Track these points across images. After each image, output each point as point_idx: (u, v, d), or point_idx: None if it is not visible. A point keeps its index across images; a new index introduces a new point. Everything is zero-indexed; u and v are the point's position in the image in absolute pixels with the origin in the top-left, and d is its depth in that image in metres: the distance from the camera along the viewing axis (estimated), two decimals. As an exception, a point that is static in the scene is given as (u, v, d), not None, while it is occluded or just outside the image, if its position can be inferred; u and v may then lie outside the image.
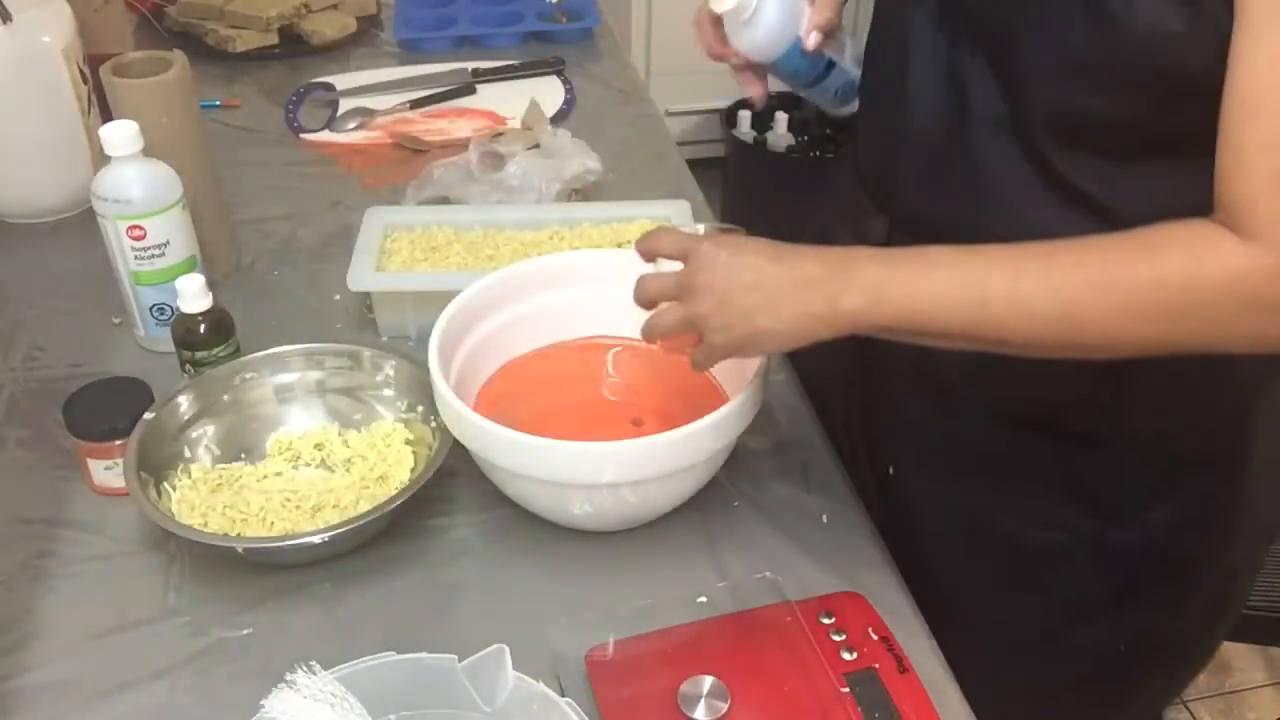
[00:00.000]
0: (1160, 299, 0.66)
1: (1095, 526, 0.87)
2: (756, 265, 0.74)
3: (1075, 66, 0.71)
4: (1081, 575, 0.89)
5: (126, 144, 1.00)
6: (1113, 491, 0.86)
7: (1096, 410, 0.83)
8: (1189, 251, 0.66)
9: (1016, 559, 0.90)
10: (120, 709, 0.78)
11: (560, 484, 0.83)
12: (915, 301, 0.70)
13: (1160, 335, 0.67)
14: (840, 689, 0.74)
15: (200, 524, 0.87)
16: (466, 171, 1.27)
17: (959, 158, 0.81)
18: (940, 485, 0.92)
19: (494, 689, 0.67)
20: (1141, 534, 0.86)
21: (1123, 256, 0.67)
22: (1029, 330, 0.69)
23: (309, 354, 0.99)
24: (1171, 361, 0.72)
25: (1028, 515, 0.88)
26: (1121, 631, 0.92)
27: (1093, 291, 0.67)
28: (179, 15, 1.70)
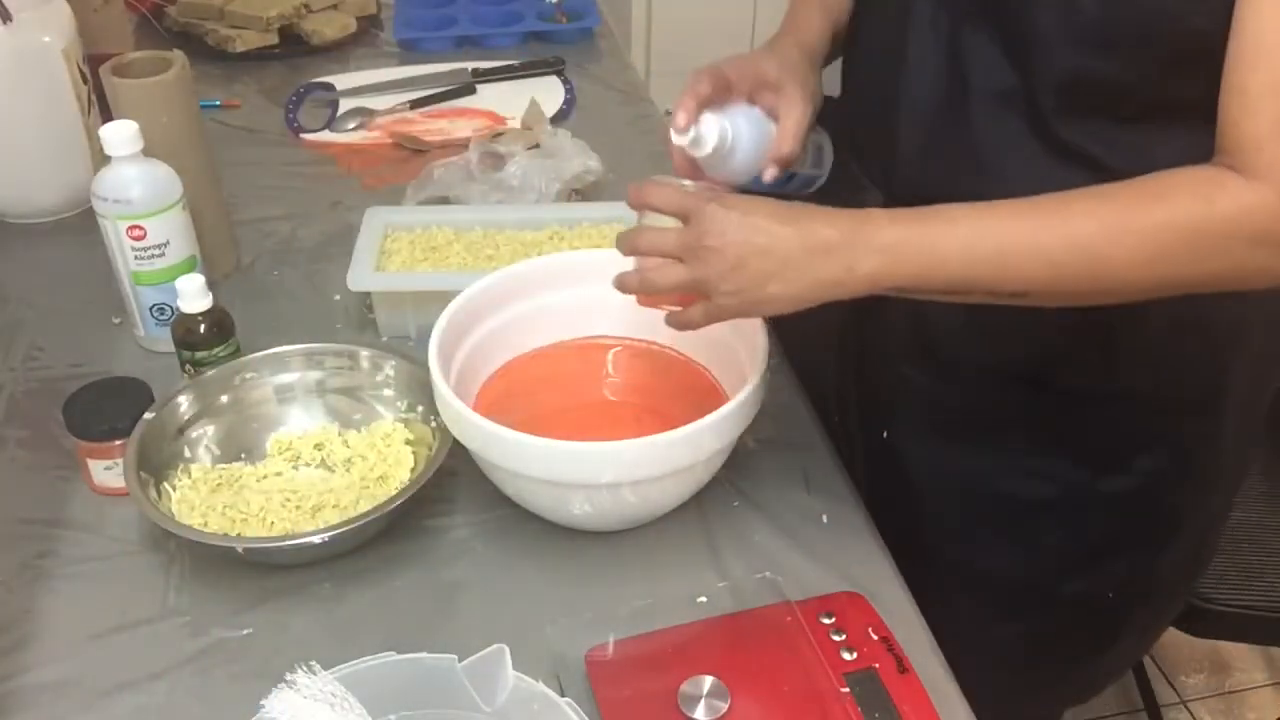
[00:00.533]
0: (1173, 239, 0.68)
1: (1085, 477, 0.89)
2: (769, 229, 0.73)
3: (1087, 32, 0.72)
4: (1072, 525, 0.92)
5: (126, 144, 1.00)
6: (1102, 443, 0.88)
7: (1086, 364, 0.85)
8: (1197, 192, 0.68)
9: (1009, 513, 0.93)
10: (120, 709, 0.78)
11: (560, 484, 0.83)
12: (934, 259, 0.71)
13: (1174, 275, 0.69)
14: (840, 689, 0.74)
15: (200, 524, 0.87)
16: (466, 171, 1.27)
17: (960, 131, 0.82)
18: (933, 445, 0.94)
19: (494, 689, 0.67)
20: (1129, 482, 0.89)
21: (1134, 202, 0.69)
22: (1048, 279, 0.71)
23: (309, 354, 0.99)
24: (1157, 313, 0.75)
25: (1020, 469, 0.91)
26: (1107, 580, 0.95)
27: (1108, 238, 0.69)
28: (179, 15, 1.70)
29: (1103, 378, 0.86)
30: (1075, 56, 0.74)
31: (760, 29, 2.97)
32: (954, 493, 0.95)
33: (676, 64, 0.93)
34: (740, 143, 0.85)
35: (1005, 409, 0.90)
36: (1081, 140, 0.76)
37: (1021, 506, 0.92)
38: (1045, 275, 0.71)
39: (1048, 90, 0.76)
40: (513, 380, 0.97)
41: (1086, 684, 1.10)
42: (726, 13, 2.86)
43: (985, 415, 0.91)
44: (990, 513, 0.94)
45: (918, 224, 0.72)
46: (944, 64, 0.81)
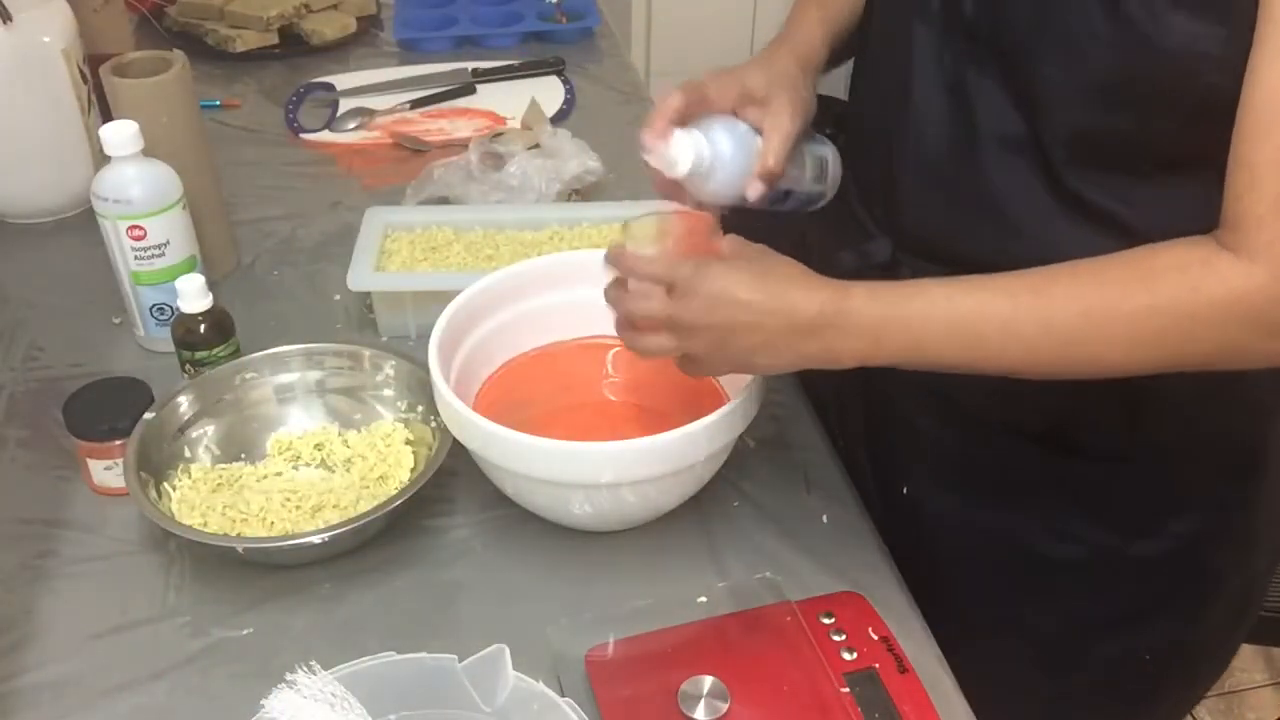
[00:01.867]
0: (1158, 325, 0.66)
1: (1116, 541, 0.86)
2: (749, 305, 0.73)
3: (1100, 87, 0.70)
4: (1104, 588, 0.88)
5: (126, 144, 1.00)
6: (1134, 506, 0.85)
7: (1114, 428, 0.82)
8: (1185, 276, 0.65)
9: (1037, 573, 0.89)
10: (120, 709, 0.78)
11: (560, 484, 0.83)
12: (913, 342, 0.71)
13: (1162, 360, 0.68)
14: (840, 689, 0.74)
15: (200, 524, 0.87)
16: (466, 171, 1.27)
17: (966, 177, 0.79)
18: (957, 502, 0.91)
19: (494, 689, 0.67)
20: (1164, 546, 0.86)
21: (1118, 285, 0.67)
22: (1030, 362, 0.70)
23: (309, 354, 0.99)
24: (1188, 377, 0.71)
25: (1048, 531, 0.87)
26: (1145, 642, 0.91)
27: (1090, 322, 0.68)
28: (179, 15, 1.70)
29: (1129, 441, 0.82)
30: (1085, 112, 0.71)
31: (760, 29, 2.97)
32: (979, 550, 0.91)
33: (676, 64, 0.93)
34: (721, 160, 0.81)
35: (1028, 469, 0.86)
36: (1096, 194, 0.74)
37: (1050, 567, 0.88)
38: (1025, 359, 0.70)
39: (1057, 143, 0.74)
40: (513, 380, 0.97)
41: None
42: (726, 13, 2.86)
43: (1008, 474, 0.88)
44: (1018, 572, 0.90)
45: (897, 305, 0.72)
46: (949, 107, 0.79)
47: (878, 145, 0.87)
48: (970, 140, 0.78)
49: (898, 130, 0.83)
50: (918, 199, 0.84)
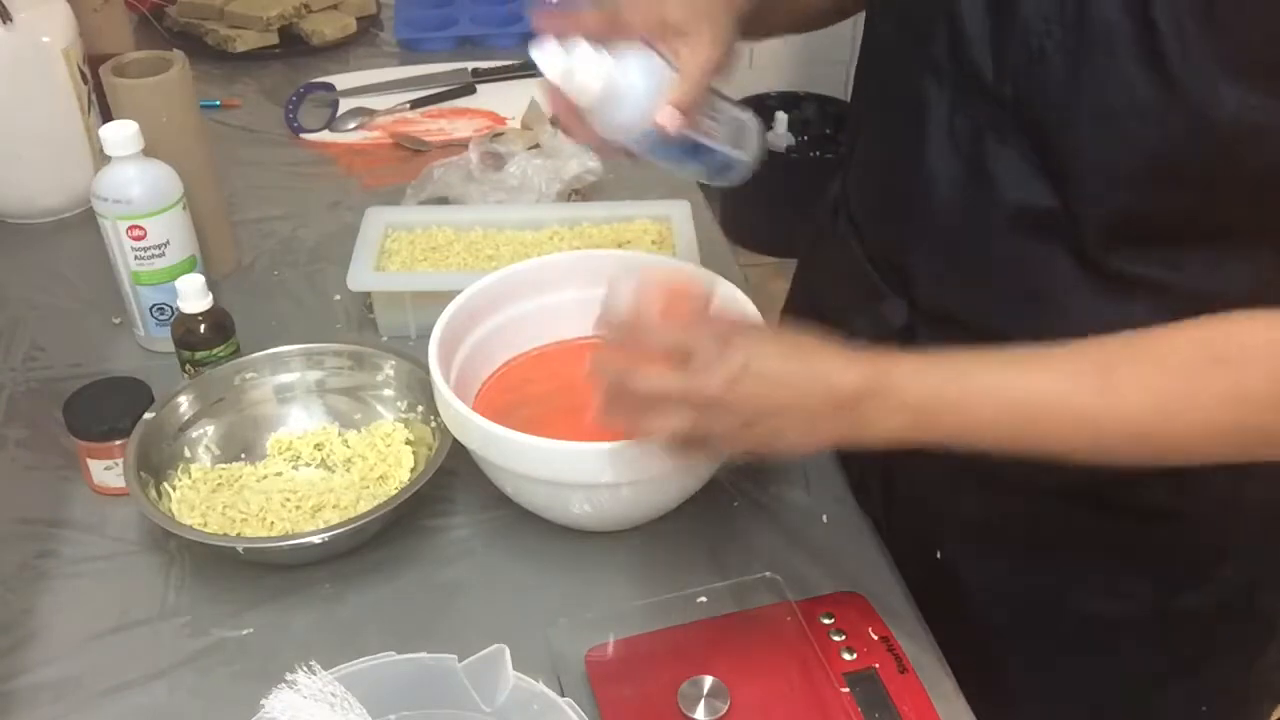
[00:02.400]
0: (1239, 415, 0.61)
1: (1164, 593, 0.82)
2: (783, 381, 0.65)
3: (1144, 164, 0.64)
4: (1155, 643, 0.84)
5: (126, 144, 1.00)
6: (1177, 558, 0.81)
7: (1154, 486, 0.75)
8: (1269, 361, 0.60)
9: (1083, 632, 0.85)
10: (120, 709, 0.78)
11: (560, 484, 0.83)
12: (961, 424, 0.65)
13: (1243, 448, 0.64)
14: (840, 689, 0.74)
15: (200, 524, 0.87)
16: (466, 171, 1.27)
17: (984, 250, 0.74)
18: (993, 564, 0.86)
19: (494, 689, 0.66)
20: (1212, 596, 0.82)
21: (1193, 370, 0.61)
22: (1094, 451, 0.65)
23: (309, 354, 0.99)
24: None
25: (1091, 586, 0.83)
26: (1200, 693, 0.88)
27: (1166, 415, 0.62)
28: (179, 15, 1.70)
29: (1176, 500, 0.77)
30: (1127, 190, 0.65)
31: (760, 29, 2.96)
32: (1020, 613, 0.86)
33: (676, 64, 0.91)
34: (633, 88, 0.72)
35: (1066, 528, 0.81)
36: (1136, 267, 0.68)
37: (1096, 625, 0.84)
38: (1090, 447, 0.65)
39: (1092, 220, 0.67)
40: (513, 380, 0.97)
41: None
42: (726, 13, 2.86)
43: (1045, 533, 0.82)
44: (1062, 632, 0.85)
45: (949, 381, 0.65)
46: (965, 175, 0.72)
47: (887, 208, 0.82)
48: (989, 212, 0.72)
49: (908, 196, 0.77)
50: (931, 268, 0.78)
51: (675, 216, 1.16)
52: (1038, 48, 0.66)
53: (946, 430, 0.65)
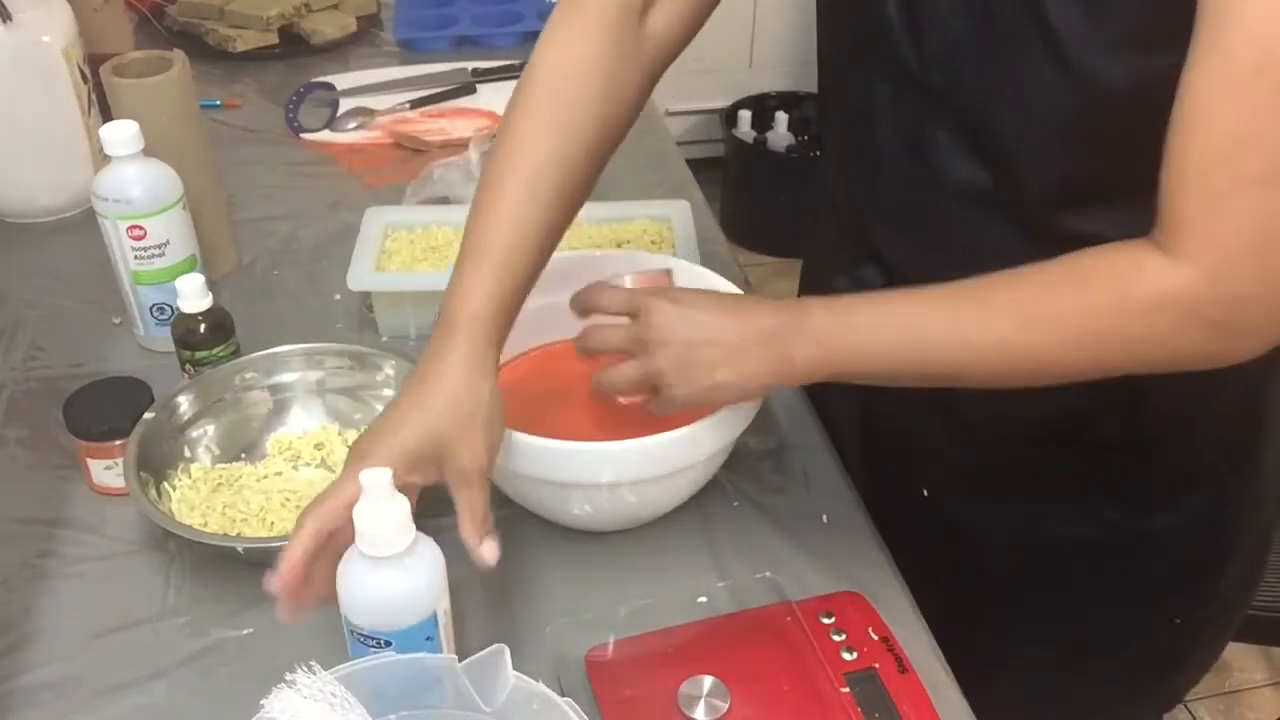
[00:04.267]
0: (1092, 327, 0.67)
1: (1133, 519, 0.87)
2: (712, 321, 0.76)
3: (1063, 135, 0.70)
4: (1127, 565, 0.89)
5: (126, 144, 1.00)
6: (1143, 488, 0.86)
7: (1119, 419, 0.82)
8: (1116, 277, 0.66)
9: (1061, 558, 0.90)
10: (120, 709, 0.78)
11: (560, 484, 0.83)
12: (862, 349, 0.73)
13: (1100, 360, 0.68)
14: (840, 689, 0.74)
15: (200, 524, 0.87)
16: (466, 171, 1.27)
17: (937, 226, 0.80)
18: (971, 501, 0.91)
19: (494, 689, 0.66)
20: (1179, 519, 0.87)
21: (1054, 289, 0.68)
22: (973, 365, 0.71)
23: (309, 354, 0.99)
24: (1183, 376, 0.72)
25: (1064, 515, 0.88)
26: (1170, 610, 0.92)
27: (1026, 328, 0.68)
28: (179, 15, 1.70)
29: (1133, 434, 0.83)
30: (1052, 160, 0.71)
31: (760, 28, 2.97)
32: (1001, 544, 0.91)
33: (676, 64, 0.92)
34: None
35: (1036, 465, 0.87)
36: (1082, 226, 0.72)
37: (1072, 550, 0.89)
38: (970, 364, 0.71)
39: (1026, 191, 0.74)
40: (513, 380, 0.97)
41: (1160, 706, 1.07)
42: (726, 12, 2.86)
43: (1017, 473, 0.88)
44: (1041, 559, 0.90)
45: (848, 314, 0.74)
46: (911, 161, 0.79)
47: (852, 186, 0.88)
48: (936, 191, 0.78)
49: (865, 180, 0.84)
50: (893, 243, 0.85)
51: (675, 216, 1.16)
52: (952, 40, 0.72)
53: (847, 354, 0.73)
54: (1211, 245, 0.63)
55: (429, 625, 0.71)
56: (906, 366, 0.72)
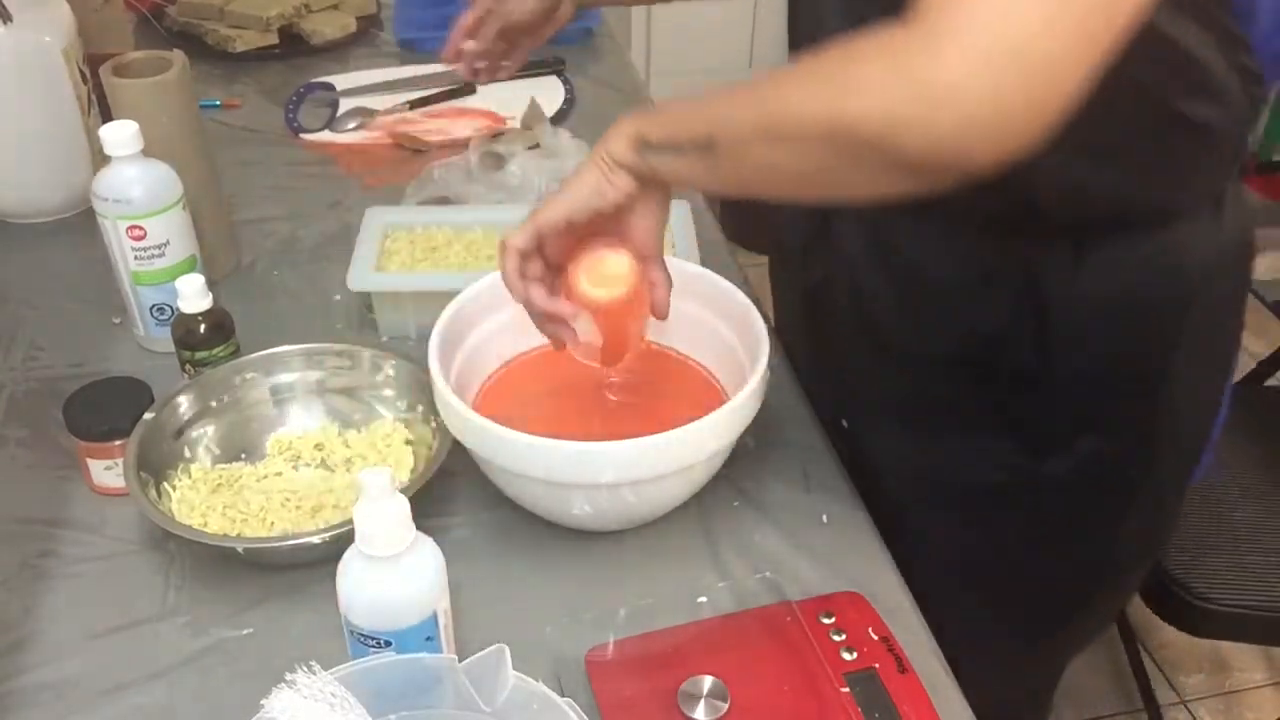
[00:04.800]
0: (819, 67, 0.67)
1: (1032, 460, 0.91)
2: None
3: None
4: (1025, 509, 0.94)
5: (126, 144, 1.00)
6: (1045, 425, 0.90)
7: (1022, 347, 0.86)
8: (878, 33, 0.65)
9: (965, 498, 0.95)
10: (120, 709, 0.78)
11: (560, 484, 0.83)
12: (667, 117, 0.76)
13: (824, 108, 0.66)
14: (840, 689, 0.74)
15: (200, 524, 0.87)
16: (466, 171, 1.27)
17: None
18: (889, 431, 0.97)
19: (494, 689, 0.66)
20: (1074, 463, 0.90)
21: (828, 54, 0.68)
22: (730, 121, 0.72)
23: (309, 354, 0.99)
24: (1091, 294, 0.81)
25: (970, 454, 0.93)
26: (1067, 560, 0.97)
27: (791, 71, 0.70)
28: (179, 15, 1.70)
29: (1040, 361, 0.86)
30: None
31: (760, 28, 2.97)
32: (911, 478, 0.97)
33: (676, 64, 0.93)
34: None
35: (950, 394, 0.92)
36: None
37: (975, 492, 0.94)
38: (724, 110, 0.72)
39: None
40: (513, 380, 0.97)
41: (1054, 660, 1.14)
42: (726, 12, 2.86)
43: (932, 400, 0.93)
44: (947, 498, 0.96)
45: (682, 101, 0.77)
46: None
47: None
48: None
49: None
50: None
51: (675, 216, 1.16)
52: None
53: (658, 124, 0.76)
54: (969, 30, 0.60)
55: (429, 625, 0.71)
56: (686, 124, 0.74)
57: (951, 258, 0.86)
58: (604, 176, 0.78)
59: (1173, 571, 1.35)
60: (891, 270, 0.91)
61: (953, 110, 0.60)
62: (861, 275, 0.93)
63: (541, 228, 0.80)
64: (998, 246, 0.84)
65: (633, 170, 0.78)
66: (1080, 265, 0.82)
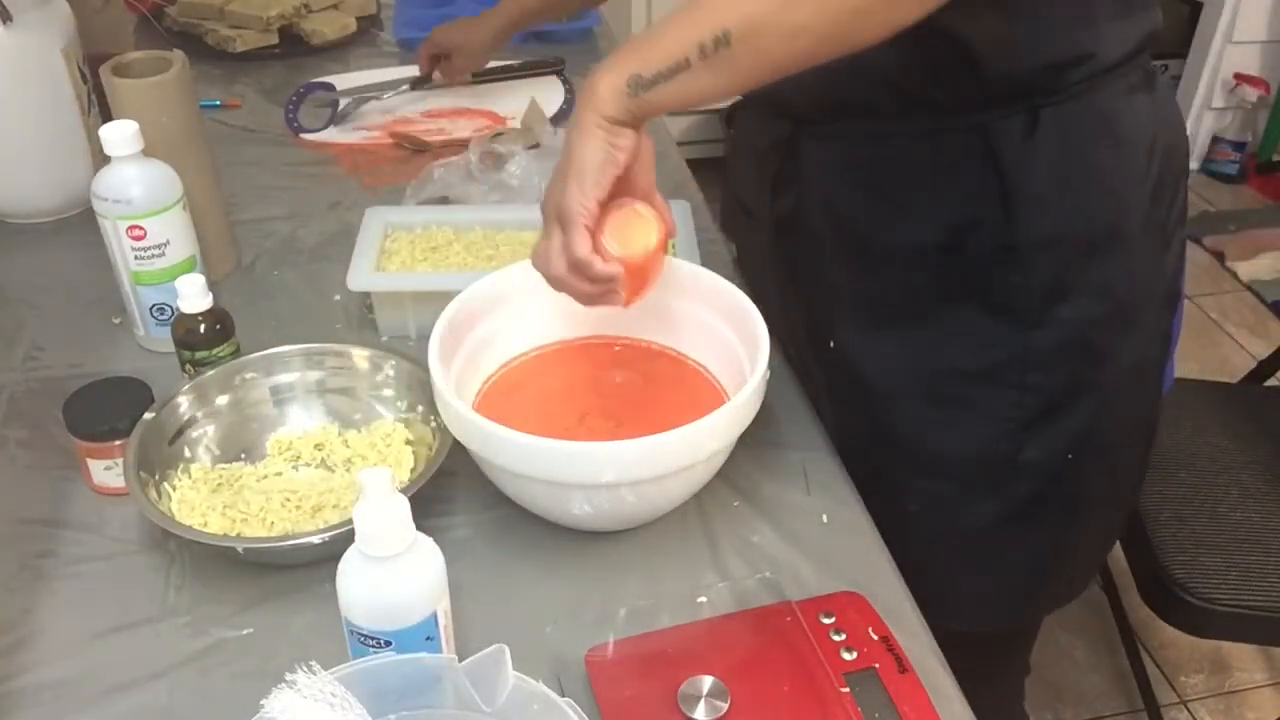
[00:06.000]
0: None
1: (1017, 337, 0.93)
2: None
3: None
4: (1015, 389, 0.96)
5: (126, 144, 1.00)
6: (1023, 300, 0.92)
7: (989, 224, 0.90)
8: None
9: (955, 387, 0.97)
10: (120, 709, 0.78)
11: (560, 484, 0.83)
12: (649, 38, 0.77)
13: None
14: (840, 689, 0.74)
15: (200, 524, 0.87)
16: (466, 171, 1.27)
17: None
18: (875, 338, 0.99)
19: (494, 689, 0.66)
20: (1057, 334, 0.93)
21: None
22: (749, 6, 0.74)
23: (309, 354, 0.99)
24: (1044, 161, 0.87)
25: (955, 341, 0.95)
26: (1061, 439, 0.98)
27: None
28: (179, 15, 1.70)
29: (1007, 235, 0.90)
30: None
31: (760, 29, 2.96)
32: (902, 379, 0.99)
33: (676, 64, 0.92)
34: None
35: (931, 282, 0.94)
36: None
37: (964, 378, 0.96)
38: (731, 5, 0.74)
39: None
40: (513, 380, 0.97)
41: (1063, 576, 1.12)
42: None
43: (915, 293, 0.96)
44: (937, 390, 0.98)
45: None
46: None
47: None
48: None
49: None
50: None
51: (675, 216, 1.16)
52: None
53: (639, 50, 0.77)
54: None
55: (429, 625, 0.71)
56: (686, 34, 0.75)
57: (917, 147, 0.91)
58: (608, 142, 0.79)
59: (1173, 571, 1.35)
60: (859, 172, 0.95)
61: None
62: (833, 187, 0.97)
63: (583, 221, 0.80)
64: (955, 127, 0.89)
65: (631, 119, 0.78)
66: (1033, 136, 0.87)
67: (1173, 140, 0.95)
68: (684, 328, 0.97)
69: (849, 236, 0.97)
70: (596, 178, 0.79)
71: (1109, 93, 0.90)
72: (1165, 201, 0.96)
